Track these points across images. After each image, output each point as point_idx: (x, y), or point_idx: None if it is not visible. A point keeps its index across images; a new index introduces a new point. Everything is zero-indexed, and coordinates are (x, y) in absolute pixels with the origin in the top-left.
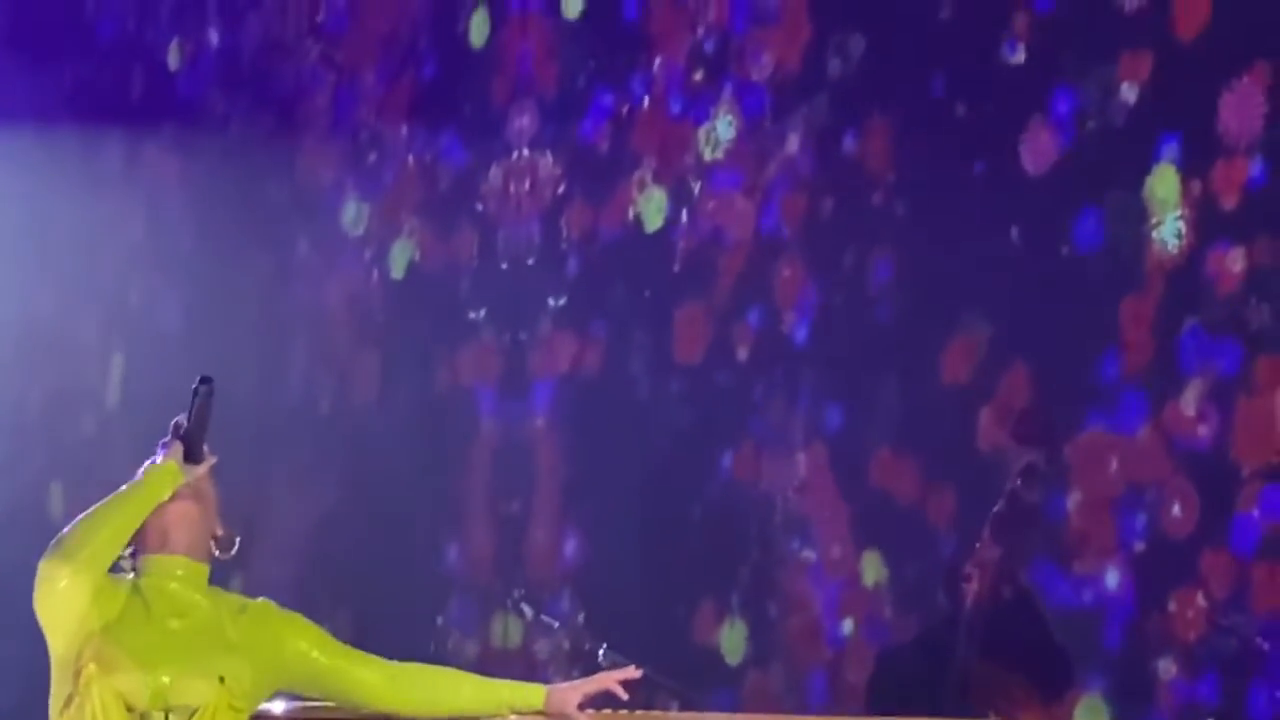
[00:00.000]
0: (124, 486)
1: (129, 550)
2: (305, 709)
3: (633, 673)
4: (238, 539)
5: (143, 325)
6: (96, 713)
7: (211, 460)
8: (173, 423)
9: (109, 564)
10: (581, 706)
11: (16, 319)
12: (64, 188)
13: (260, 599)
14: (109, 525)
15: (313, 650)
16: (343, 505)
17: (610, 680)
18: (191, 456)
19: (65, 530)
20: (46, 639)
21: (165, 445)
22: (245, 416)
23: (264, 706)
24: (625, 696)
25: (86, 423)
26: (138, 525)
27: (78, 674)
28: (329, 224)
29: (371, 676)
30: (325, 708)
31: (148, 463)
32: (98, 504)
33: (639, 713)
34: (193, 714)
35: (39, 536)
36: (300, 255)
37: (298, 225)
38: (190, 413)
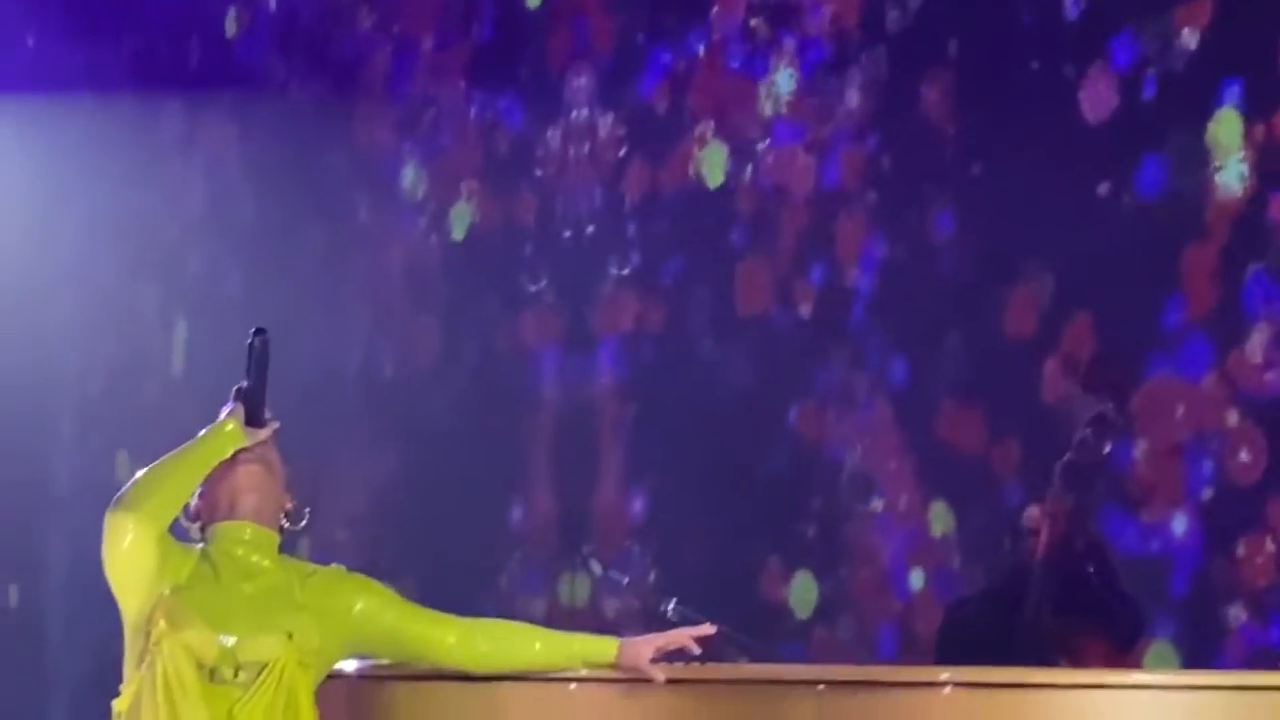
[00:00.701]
0: (185, 444)
1: (198, 523)
2: (377, 667)
3: (707, 629)
4: (307, 511)
5: (204, 293)
6: (167, 669)
7: (274, 425)
8: (235, 388)
9: (172, 518)
10: (654, 660)
11: (79, 289)
12: (123, 157)
13: (331, 565)
14: (171, 479)
15: (383, 610)
16: (406, 469)
17: (683, 635)
18: (253, 419)
19: (128, 485)
20: (119, 602)
21: (229, 409)
22: (307, 382)
23: (336, 666)
24: (698, 651)
25: (151, 391)
26: (198, 482)
27: (148, 633)
28: (388, 189)
29: (443, 634)
30: (395, 666)
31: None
32: (159, 460)
33: (709, 665)
34: (261, 670)
35: (107, 504)
36: (360, 220)
37: (357, 190)
38: (248, 368)
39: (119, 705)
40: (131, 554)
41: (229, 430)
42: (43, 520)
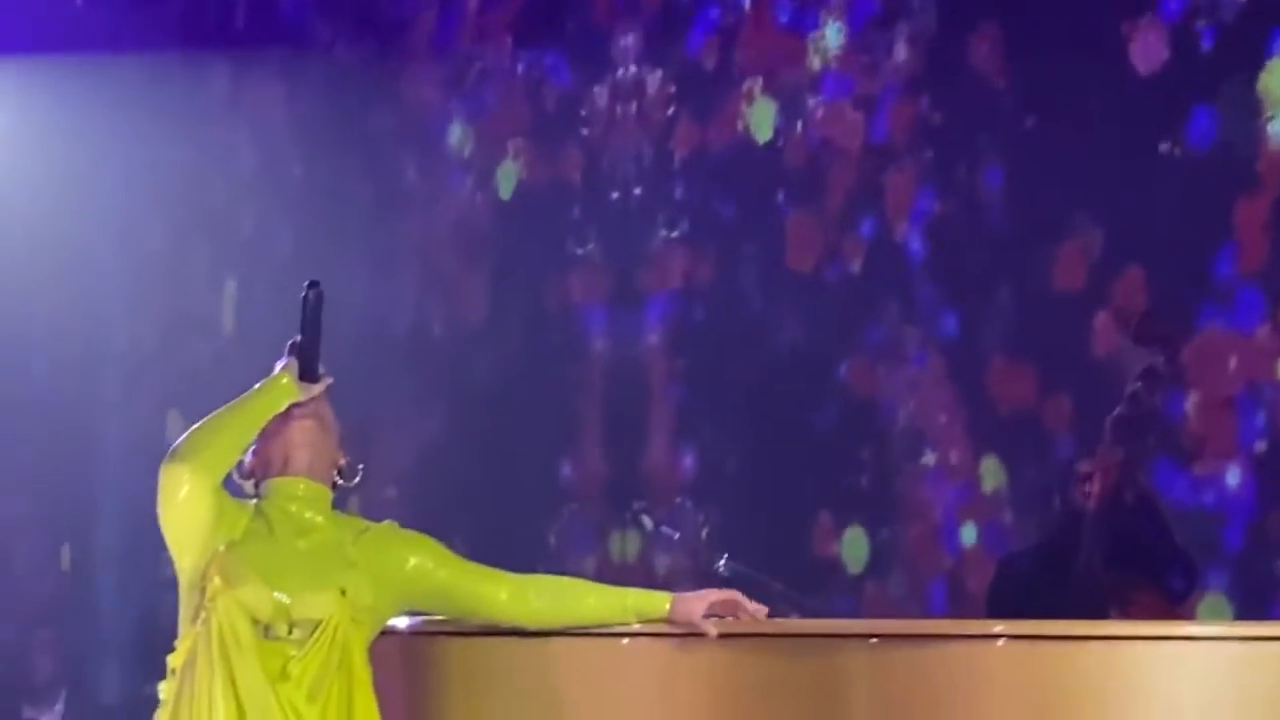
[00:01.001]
0: (239, 398)
1: (252, 480)
2: (429, 623)
3: (762, 610)
4: (360, 468)
5: (254, 253)
6: (222, 625)
7: (328, 380)
8: (289, 343)
9: (226, 470)
10: (706, 616)
11: (129, 250)
12: (171, 117)
13: (384, 521)
14: (225, 432)
15: (436, 566)
16: (455, 427)
17: (736, 593)
18: (307, 374)
19: (182, 437)
20: (175, 558)
21: (283, 364)
22: (356, 341)
23: (389, 622)
24: (751, 608)
25: (202, 351)
26: (253, 435)
27: (204, 589)
28: (435, 147)
29: (496, 590)
30: (448, 622)
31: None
32: (213, 413)
33: (761, 620)
34: (315, 627)
35: (158, 463)
36: (407, 179)
37: (404, 149)
38: (302, 322)
39: (174, 661)
40: (187, 507)
41: (283, 384)
42: (94, 481)
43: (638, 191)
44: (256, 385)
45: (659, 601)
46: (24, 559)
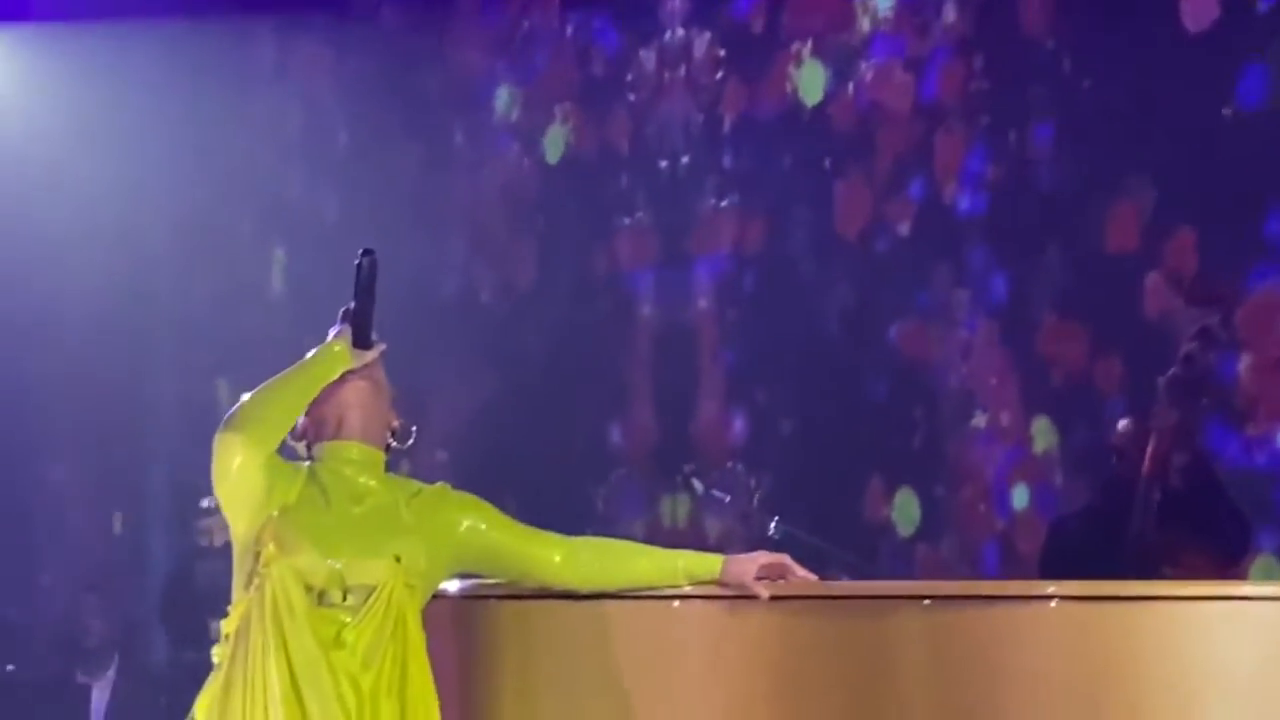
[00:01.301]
0: (292, 366)
1: (305, 442)
2: (480, 586)
3: (810, 577)
4: (414, 430)
5: (302, 218)
6: (276, 592)
7: (381, 347)
8: (342, 309)
9: (279, 439)
10: (758, 578)
11: (177, 216)
12: (218, 84)
13: (437, 483)
14: (278, 401)
15: (488, 528)
16: (504, 391)
17: (787, 556)
18: (360, 341)
19: (235, 407)
20: (229, 523)
21: (336, 331)
22: (406, 307)
23: (440, 587)
24: (801, 571)
25: (250, 317)
26: (306, 404)
27: (258, 555)
28: (482, 112)
29: (548, 551)
30: (500, 585)
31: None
32: (267, 381)
33: (813, 581)
34: (369, 593)
35: (208, 431)
36: (455, 144)
37: (451, 114)
38: (355, 289)
39: (227, 626)
40: (240, 476)
41: (336, 351)
42: (145, 448)
43: (685, 156)
44: (309, 353)
45: (710, 563)
46: (76, 525)
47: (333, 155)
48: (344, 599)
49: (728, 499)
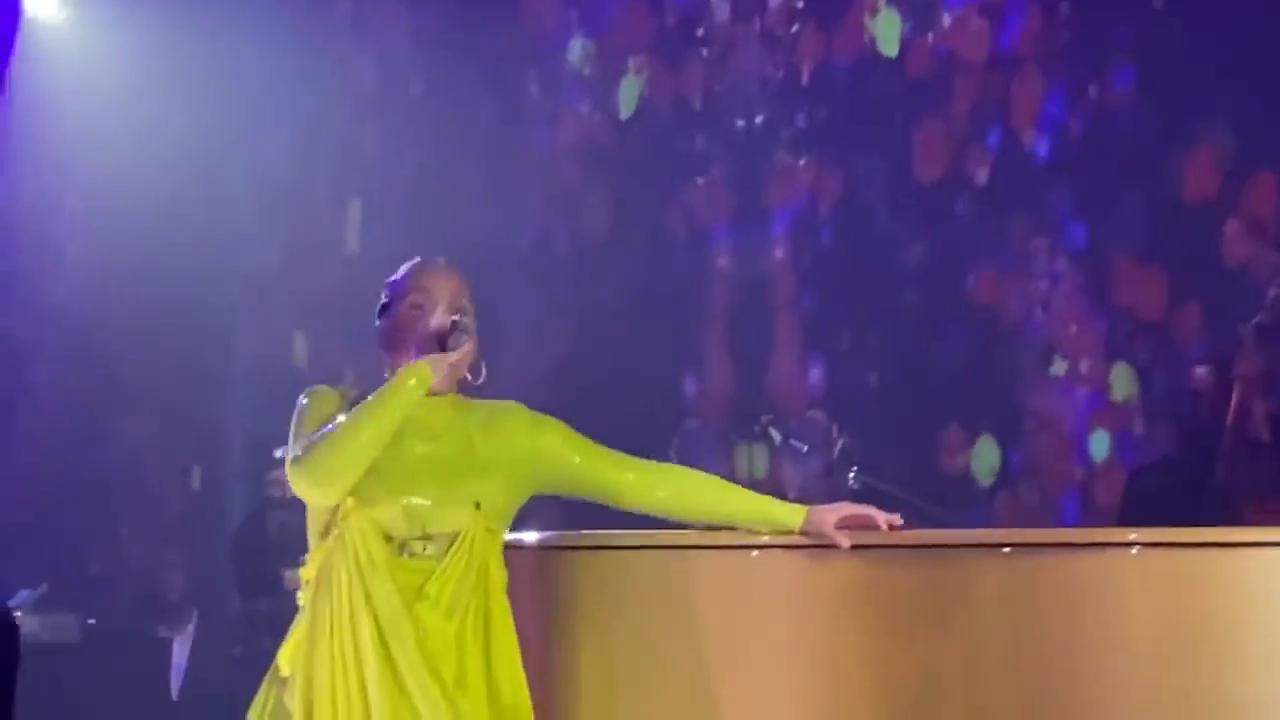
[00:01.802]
0: (373, 396)
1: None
2: (558, 537)
3: (895, 519)
4: (484, 366)
5: (377, 173)
6: (356, 544)
7: (467, 346)
8: (450, 320)
9: (360, 475)
10: (839, 528)
11: (254, 172)
12: (295, 39)
13: (509, 403)
14: (359, 449)
15: (564, 447)
16: (579, 343)
17: (870, 507)
18: (447, 346)
19: (316, 448)
20: None
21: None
22: (481, 259)
23: (516, 536)
24: (883, 524)
25: (327, 271)
26: (393, 432)
27: (335, 508)
28: (556, 65)
29: (622, 472)
30: (577, 536)
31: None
32: (351, 417)
33: (894, 531)
34: (450, 541)
35: (285, 384)
36: (529, 96)
37: (525, 67)
38: (452, 341)
39: (306, 574)
40: (322, 507)
41: (419, 372)
42: (222, 403)
43: (761, 107)
44: (389, 384)
45: (792, 512)
46: (155, 480)
47: (408, 109)
48: (425, 549)
49: (806, 449)
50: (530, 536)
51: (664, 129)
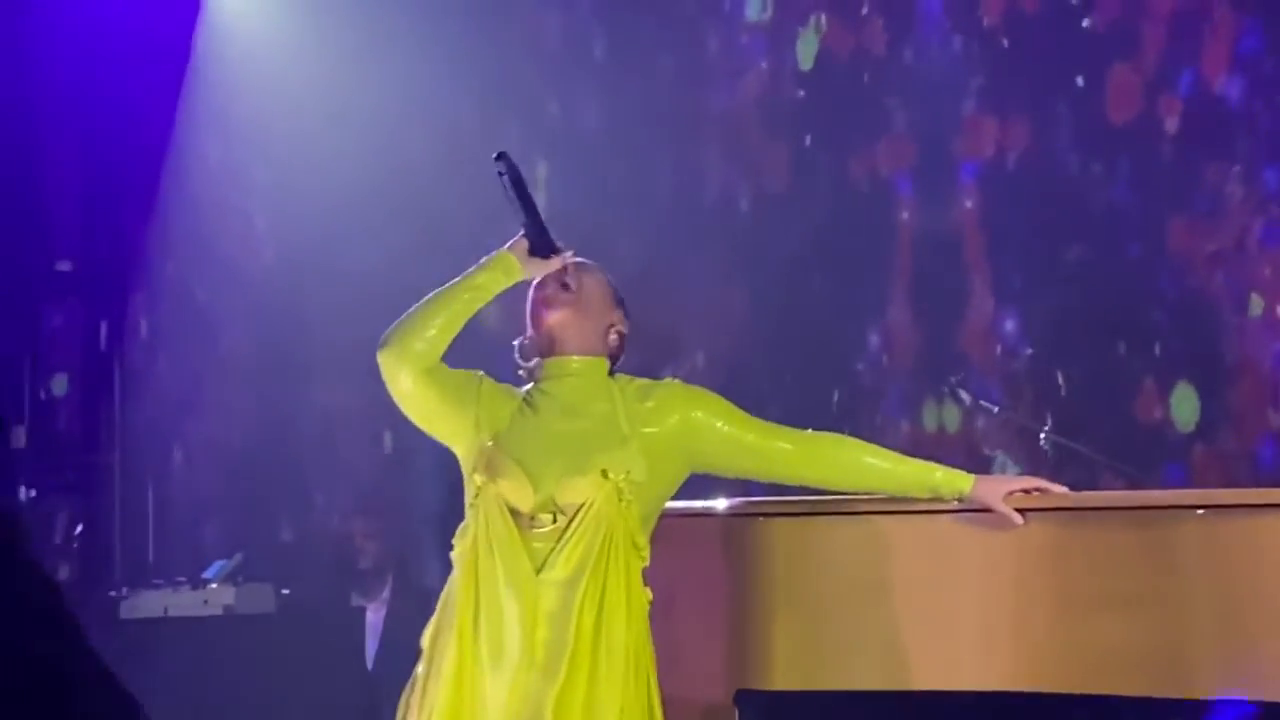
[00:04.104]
0: (458, 278)
1: (530, 360)
2: (749, 504)
3: (1061, 489)
4: (627, 323)
5: (562, 132)
6: (488, 518)
7: (566, 255)
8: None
9: (440, 353)
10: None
11: (439, 132)
12: (475, 2)
13: (666, 379)
14: (436, 316)
15: (721, 422)
16: (763, 297)
17: (1042, 481)
18: (539, 249)
19: (397, 322)
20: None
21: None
22: (666, 214)
23: (707, 504)
24: (1057, 489)
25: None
26: (468, 316)
27: (475, 481)
28: (734, 18)
29: (780, 442)
30: (768, 503)
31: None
32: (433, 293)
33: (1084, 493)
34: (577, 511)
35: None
36: (709, 51)
37: (704, 20)
38: (513, 198)
39: (457, 550)
40: (411, 397)
41: (502, 258)
42: None
43: (943, 55)
44: (480, 262)
45: (959, 481)
46: (348, 446)
47: (591, 68)
48: (554, 520)
49: (996, 409)
50: (720, 505)
51: (844, 82)
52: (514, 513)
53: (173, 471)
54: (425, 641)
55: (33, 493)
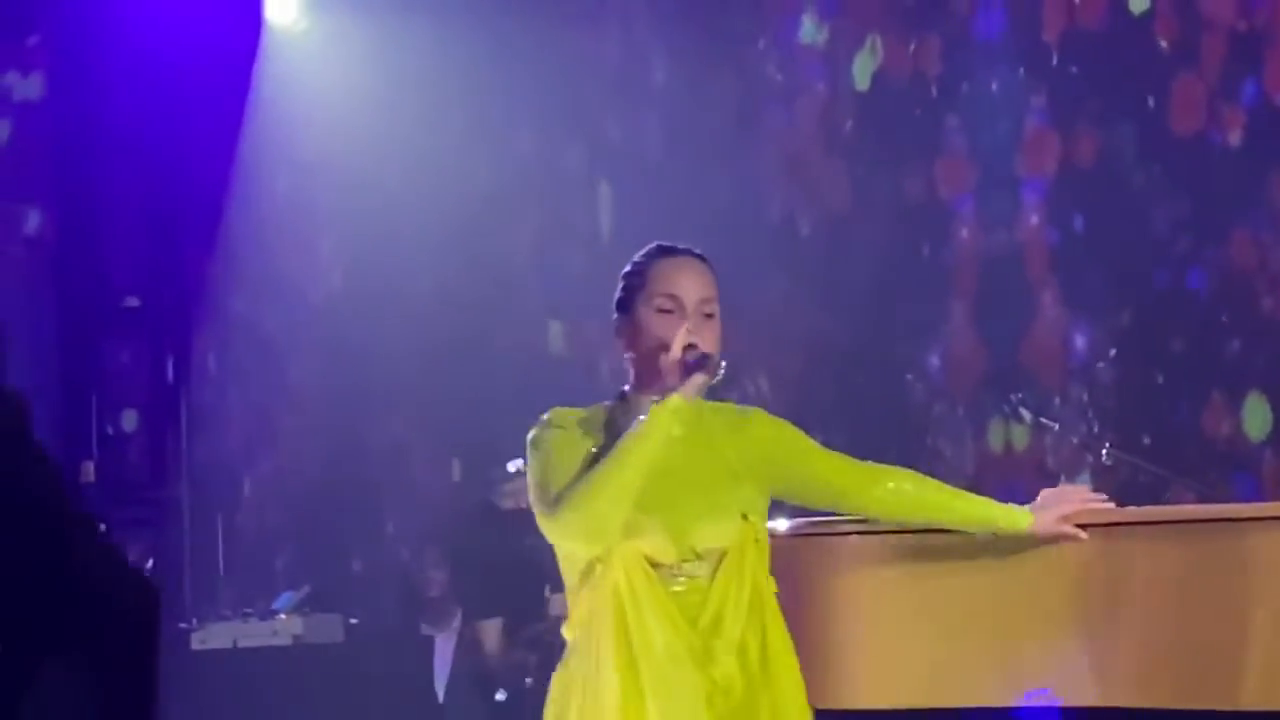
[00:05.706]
0: (628, 438)
1: (624, 387)
2: (810, 524)
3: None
4: (723, 364)
5: (624, 155)
6: (625, 578)
7: (720, 373)
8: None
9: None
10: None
11: (500, 157)
12: (537, 23)
13: (750, 409)
14: (625, 483)
15: (803, 454)
16: (824, 318)
17: (1086, 492)
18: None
19: (579, 495)
20: None
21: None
22: (726, 237)
23: (769, 525)
24: (1097, 502)
25: (577, 257)
26: (642, 477)
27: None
28: (791, 41)
29: (853, 477)
30: (827, 523)
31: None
32: (608, 462)
33: (1147, 508)
34: (719, 557)
35: (543, 373)
36: (767, 74)
37: (762, 43)
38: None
39: (569, 629)
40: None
41: (672, 408)
42: (479, 392)
43: (1003, 73)
44: (643, 424)
45: (1018, 517)
46: (416, 475)
47: (651, 91)
48: (696, 568)
49: (1057, 426)
50: (781, 525)
51: (900, 101)
52: (654, 567)
53: (242, 504)
54: (557, 690)
55: (102, 527)
